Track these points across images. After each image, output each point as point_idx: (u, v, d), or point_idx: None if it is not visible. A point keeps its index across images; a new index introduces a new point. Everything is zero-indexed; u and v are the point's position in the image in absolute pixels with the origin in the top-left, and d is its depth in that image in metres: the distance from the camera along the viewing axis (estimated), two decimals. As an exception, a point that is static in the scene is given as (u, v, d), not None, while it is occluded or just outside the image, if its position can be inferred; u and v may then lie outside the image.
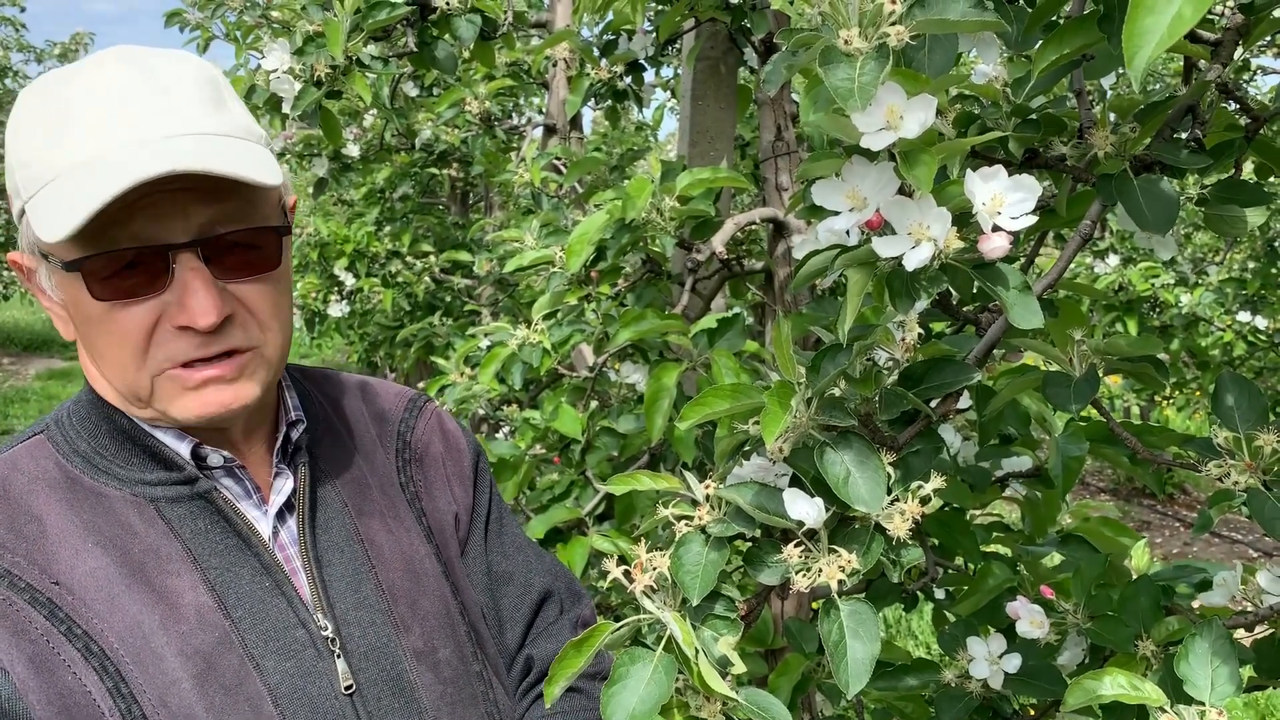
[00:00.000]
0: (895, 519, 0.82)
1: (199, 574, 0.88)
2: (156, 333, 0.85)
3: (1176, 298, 4.35)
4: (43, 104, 0.85)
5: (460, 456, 1.12)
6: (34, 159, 0.83)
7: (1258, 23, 0.85)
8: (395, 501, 1.03)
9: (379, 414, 1.09)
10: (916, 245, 0.73)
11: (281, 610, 0.90)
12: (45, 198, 0.82)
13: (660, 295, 2.02)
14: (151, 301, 0.84)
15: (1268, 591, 1.03)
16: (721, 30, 2.06)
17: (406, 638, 0.96)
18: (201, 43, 3.99)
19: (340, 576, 0.95)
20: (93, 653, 0.83)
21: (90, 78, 0.85)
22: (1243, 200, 0.94)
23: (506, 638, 1.09)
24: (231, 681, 0.86)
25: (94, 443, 0.91)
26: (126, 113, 0.83)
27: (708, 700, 0.84)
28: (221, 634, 0.87)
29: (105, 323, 0.84)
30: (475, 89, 3.18)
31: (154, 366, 0.86)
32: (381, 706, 0.92)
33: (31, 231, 0.84)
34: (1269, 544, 5.56)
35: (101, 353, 0.87)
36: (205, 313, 0.83)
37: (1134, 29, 0.61)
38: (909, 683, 1.23)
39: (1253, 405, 0.88)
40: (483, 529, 1.11)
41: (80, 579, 0.85)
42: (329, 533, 0.96)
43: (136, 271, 0.83)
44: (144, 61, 0.86)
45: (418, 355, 4.54)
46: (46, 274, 0.88)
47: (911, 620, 4.59)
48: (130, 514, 0.88)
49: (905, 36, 0.69)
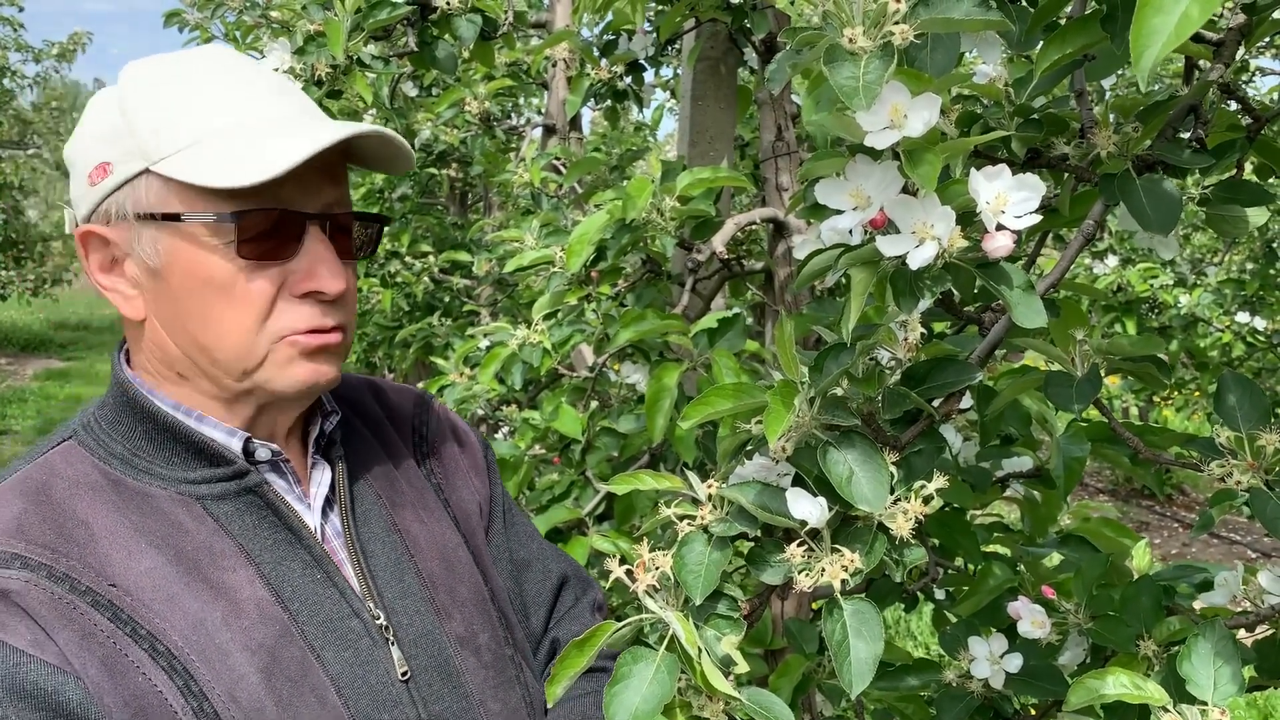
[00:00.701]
0: (898, 518, 0.82)
1: (253, 569, 0.88)
2: (279, 299, 0.88)
3: (1175, 298, 4.36)
4: (162, 78, 0.89)
5: (473, 450, 1.15)
6: (168, 123, 0.86)
7: (1259, 23, 0.85)
8: (423, 493, 1.06)
9: (392, 411, 1.12)
10: (920, 244, 0.73)
11: (335, 601, 0.91)
12: (205, 153, 0.84)
13: (660, 295, 2.02)
14: (280, 267, 0.88)
15: (1269, 592, 1.03)
16: (722, 30, 2.06)
17: (449, 624, 0.98)
18: (200, 43, 3.99)
19: (384, 566, 0.96)
20: (159, 652, 0.82)
21: (210, 60, 0.91)
22: (1244, 200, 0.94)
23: (532, 622, 1.12)
24: (296, 673, 0.86)
25: (129, 444, 0.90)
26: (265, 88, 0.90)
27: (710, 700, 0.84)
28: (282, 627, 0.87)
29: (230, 286, 0.87)
30: (475, 89, 3.18)
31: (270, 334, 0.88)
32: (434, 692, 0.93)
33: (147, 194, 0.86)
34: (1268, 545, 5.57)
35: (215, 319, 0.88)
36: (336, 280, 0.88)
37: (1141, 29, 0.61)
38: (910, 683, 1.23)
39: (1254, 405, 0.88)
40: (501, 518, 1.14)
41: (137, 579, 0.84)
42: (369, 524, 0.98)
43: (275, 236, 0.87)
44: (246, 57, 0.94)
45: (416, 356, 4.54)
46: (150, 239, 0.87)
47: (911, 621, 4.60)
48: (179, 512, 0.88)
49: (909, 35, 0.69)
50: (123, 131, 0.87)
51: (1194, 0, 0.55)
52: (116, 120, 0.88)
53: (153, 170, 0.85)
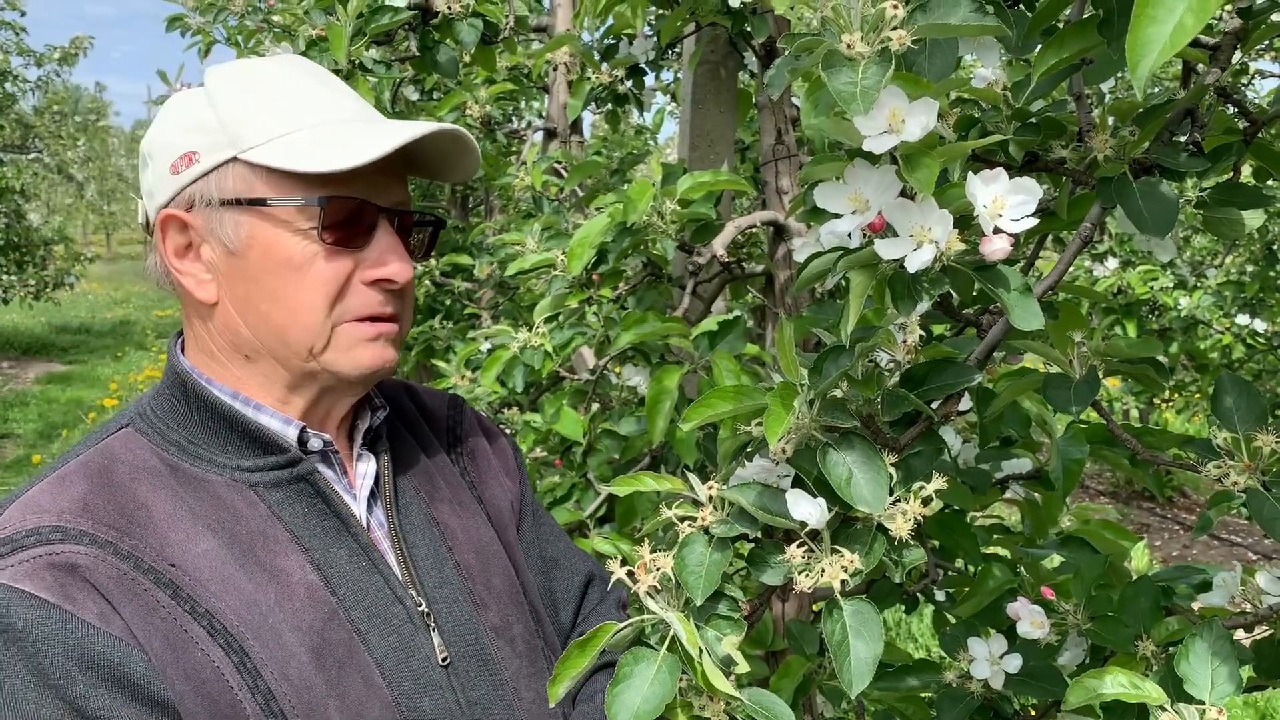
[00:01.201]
0: (897, 519, 0.83)
1: (303, 554, 0.92)
2: (349, 284, 0.93)
3: (1175, 300, 4.36)
4: (250, 77, 0.95)
5: (504, 451, 1.20)
6: (260, 114, 0.92)
7: (1255, 27, 0.86)
8: (458, 489, 1.10)
9: (427, 411, 1.16)
10: (918, 247, 0.74)
11: (379, 587, 0.94)
12: (297, 143, 0.90)
13: (661, 298, 2.03)
14: (353, 255, 0.93)
15: (1267, 592, 1.04)
16: (722, 34, 2.07)
17: (485, 614, 1.01)
18: (203, 47, 3.99)
19: (424, 556, 1.00)
20: (217, 630, 0.85)
21: (293, 65, 0.98)
22: (1241, 203, 0.95)
23: (561, 617, 1.16)
24: (343, 655, 0.90)
25: (185, 432, 0.94)
26: (344, 92, 0.97)
27: (711, 700, 0.85)
28: (330, 610, 0.91)
29: (308, 267, 0.91)
30: (476, 93, 3.19)
31: (338, 316, 0.93)
32: (471, 678, 0.97)
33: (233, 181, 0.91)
34: (1268, 547, 5.57)
35: (289, 297, 0.92)
36: (404, 269, 0.94)
37: (1137, 38, 0.62)
38: (910, 684, 1.24)
39: (1251, 406, 0.89)
40: (531, 517, 1.19)
41: (194, 560, 0.87)
42: (410, 516, 1.02)
43: (353, 224, 0.92)
44: (314, 63, 1.02)
45: (418, 359, 4.54)
46: (232, 223, 0.91)
47: (911, 623, 4.60)
48: (234, 498, 0.92)
49: (907, 41, 0.70)
50: (211, 124, 0.92)
51: (1189, 9, 0.56)
52: (204, 113, 0.93)
53: (240, 158, 0.91)
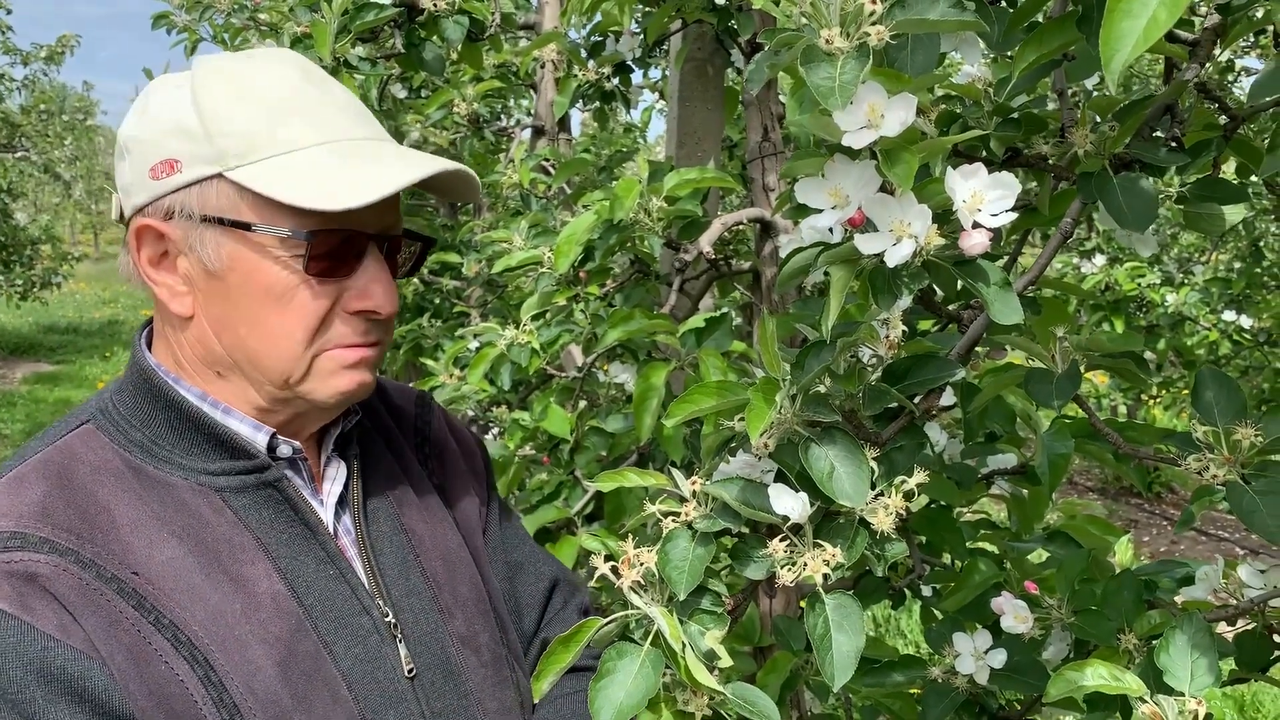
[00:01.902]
0: (879, 513, 0.83)
1: (270, 563, 0.90)
2: (332, 313, 0.90)
3: (1162, 297, 4.38)
4: (242, 81, 0.89)
5: (472, 453, 1.17)
6: (248, 130, 0.87)
7: (1234, 23, 0.86)
8: (425, 494, 1.07)
9: (395, 410, 1.13)
10: (898, 242, 0.74)
11: (346, 597, 0.92)
12: (287, 167, 0.86)
13: (648, 295, 2.03)
14: (339, 283, 0.90)
15: (1249, 585, 1.04)
16: (708, 32, 2.07)
17: (451, 623, 0.99)
18: (189, 45, 3.98)
19: (392, 565, 0.98)
20: (181, 642, 0.83)
21: (289, 66, 0.92)
22: (1221, 198, 0.95)
23: (525, 623, 1.14)
24: (310, 667, 0.88)
25: (148, 431, 0.91)
26: (343, 105, 0.92)
27: (695, 694, 0.85)
28: (297, 621, 0.89)
29: (290, 298, 0.88)
30: (464, 90, 3.18)
31: (319, 346, 0.90)
32: (437, 689, 0.95)
33: (217, 198, 0.86)
34: (1255, 542, 5.60)
35: (268, 326, 0.89)
36: (390, 301, 0.91)
37: (1110, 33, 0.62)
38: (896, 679, 1.24)
39: (1231, 400, 0.89)
40: (497, 522, 1.16)
41: (158, 569, 0.85)
42: (378, 523, 0.99)
43: (339, 255, 0.89)
44: (323, 73, 0.96)
45: (407, 357, 4.53)
46: (213, 242, 0.88)
47: (900, 619, 4.61)
48: (199, 503, 0.89)
49: (885, 36, 0.70)
50: (197, 133, 0.87)
51: (1162, 4, 0.56)
52: (189, 118, 0.87)
53: (226, 176, 0.86)
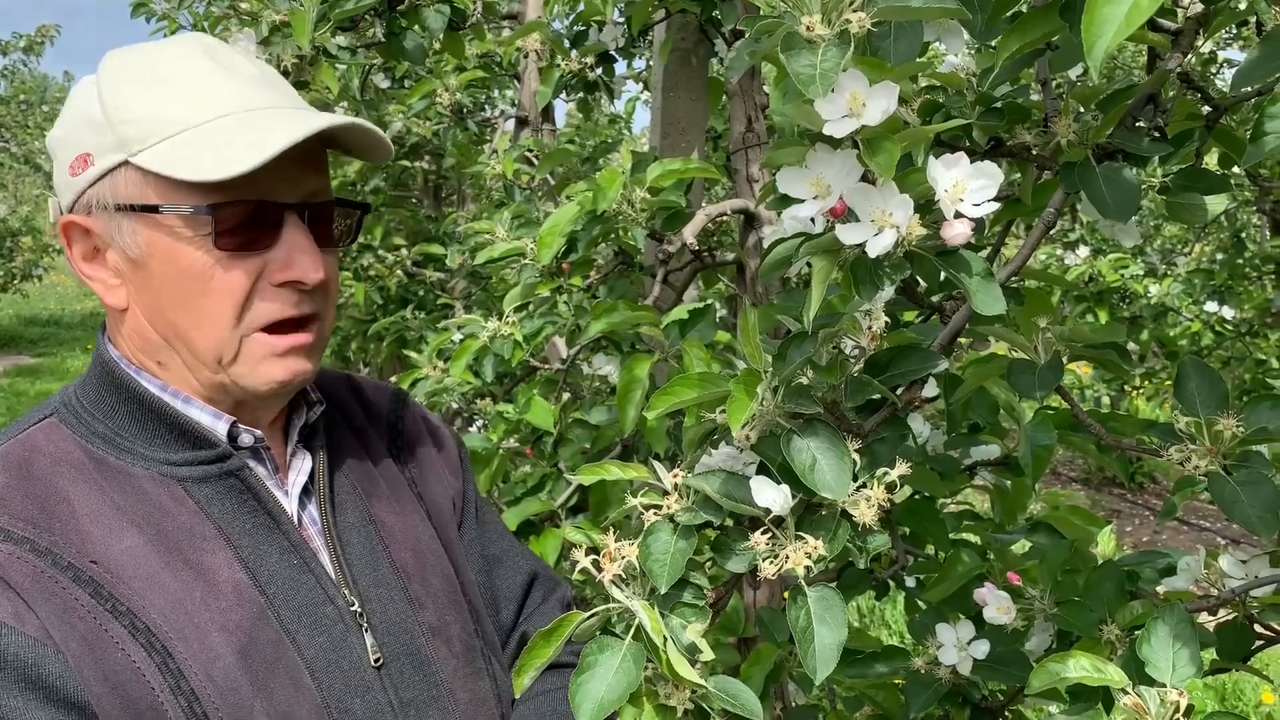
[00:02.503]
0: (861, 505, 0.83)
1: (231, 552, 0.90)
2: (257, 288, 0.89)
3: (1145, 288, 4.40)
4: (141, 67, 0.89)
5: (447, 447, 1.17)
6: (146, 114, 0.86)
7: (1217, 13, 0.86)
8: (396, 486, 1.07)
9: (368, 405, 1.13)
10: (879, 232, 0.74)
11: (310, 587, 0.92)
12: (183, 145, 0.85)
13: (632, 287, 2.02)
14: (259, 257, 0.88)
15: (1230, 575, 1.04)
16: (692, 21, 2.05)
17: (421, 613, 0.99)
18: (168, 34, 3.94)
19: (359, 555, 0.98)
20: (138, 629, 0.83)
21: (191, 47, 0.91)
22: (1203, 188, 0.95)
23: (502, 616, 1.14)
24: (271, 656, 0.87)
25: (111, 423, 0.91)
26: (247, 77, 0.90)
27: (677, 688, 0.85)
28: (258, 609, 0.88)
29: (208, 277, 0.87)
30: (447, 80, 3.16)
31: (247, 325, 0.89)
32: (405, 679, 0.95)
33: (126, 186, 0.86)
34: (1236, 532, 5.64)
35: (194, 308, 0.88)
36: (315, 268, 0.89)
37: (1093, 18, 0.62)
38: (879, 670, 1.24)
39: (1213, 390, 0.89)
40: (474, 514, 1.16)
41: (117, 557, 0.85)
42: (345, 514, 0.99)
43: (253, 227, 0.87)
44: (229, 46, 0.94)
45: (390, 349, 4.52)
46: (129, 230, 0.88)
47: (885, 609, 4.63)
48: (160, 493, 0.89)
49: (867, 23, 0.69)
50: (101, 123, 0.87)
51: (1144, -11, 0.55)
52: (95, 111, 0.88)
53: (131, 162, 0.86)
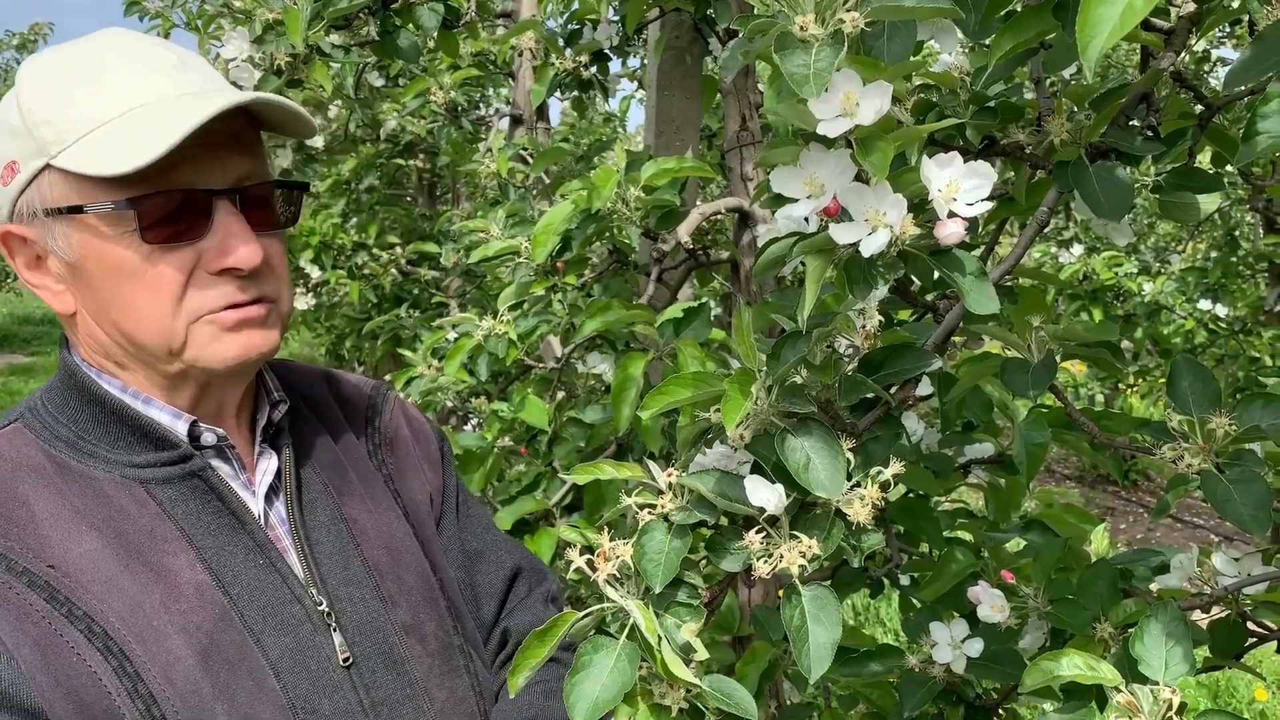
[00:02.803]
0: (855, 504, 0.83)
1: (194, 553, 0.89)
2: (194, 278, 0.88)
3: (1139, 286, 4.41)
4: (55, 69, 0.88)
5: (427, 441, 1.15)
6: (61, 115, 0.85)
7: (1210, 12, 0.86)
8: (371, 483, 1.06)
9: (345, 401, 1.12)
10: (873, 232, 0.74)
11: (276, 587, 0.92)
12: (96, 141, 0.84)
13: (627, 286, 2.02)
14: (192, 247, 0.87)
15: (1223, 573, 1.05)
16: (686, 20, 2.05)
17: (395, 612, 0.98)
18: (162, 32, 3.92)
19: (329, 554, 0.97)
20: (95, 634, 0.83)
21: (105, 43, 0.89)
22: (1196, 187, 0.95)
23: (483, 612, 1.13)
24: (234, 657, 0.87)
25: (75, 427, 0.91)
26: (161, 66, 0.88)
27: (672, 688, 0.85)
28: (221, 611, 0.88)
29: (141, 272, 0.86)
30: (440, 79, 3.16)
31: (190, 313, 0.88)
32: (376, 679, 0.94)
33: (51, 189, 0.86)
34: (1229, 530, 5.65)
35: (133, 305, 0.88)
36: (251, 254, 0.87)
37: (1087, 19, 0.62)
38: (874, 669, 1.24)
39: (1206, 389, 0.89)
40: (454, 509, 1.14)
41: (75, 561, 0.85)
42: (314, 512, 0.98)
43: (180, 217, 0.86)
44: (147, 36, 0.93)
45: (385, 348, 4.51)
46: (61, 234, 0.87)
47: (880, 608, 4.63)
48: (121, 496, 0.89)
49: (860, 23, 0.69)
50: (21, 130, 0.87)
51: (1137, -11, 0.55)
52: (15, 119, 0.87)
53: (52, 165, 0.85)
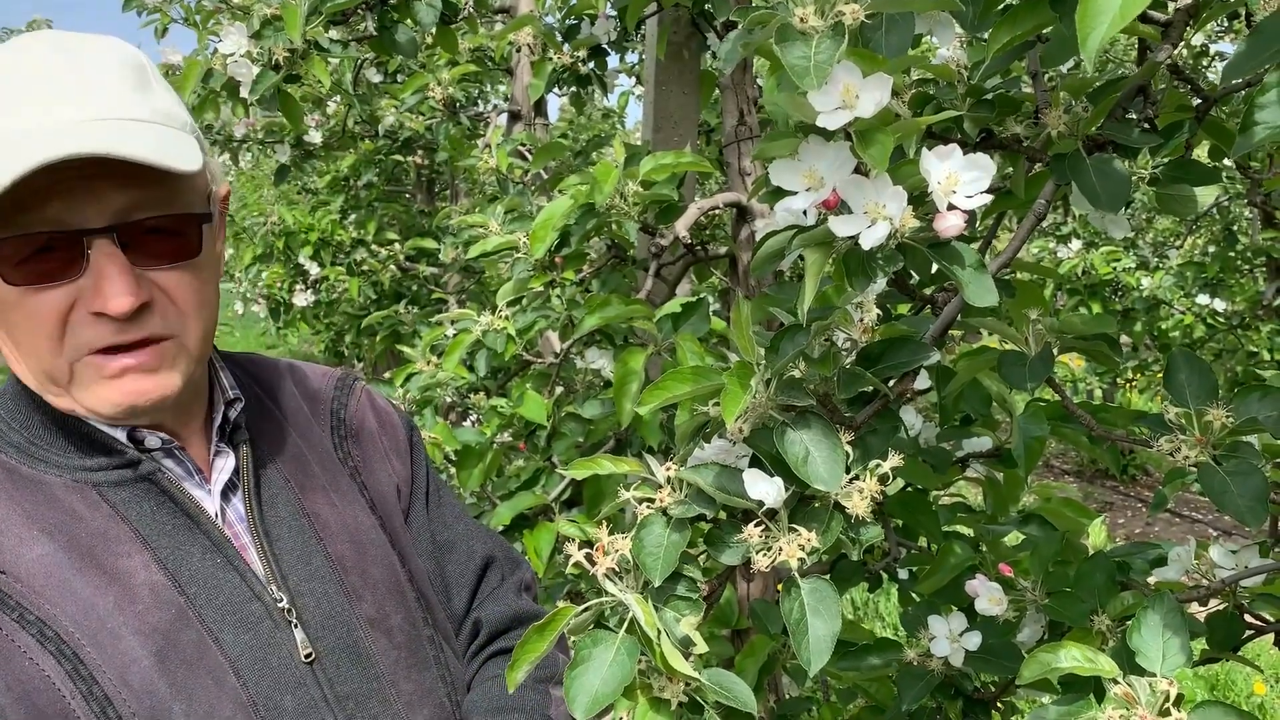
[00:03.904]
0: (854, 497, 0.83)
1: (149, 554, 0.88)
2: (72, 318, 0.84)
3: (1138, 281, 4.41)
4: None
5: (395, 431, 1.14)
6: None
7: (1206, 4, 0.86)
8: (336, 476, 1.05)
9: (310, 393, 1.11)
10: (873, 224, 0.74)
11: (235, 585, 0.91)
12: None
13: (625, 281, 2.02)
14: (66, 287, 0.83)
15: (1220, 566, 1.05)
16: (684, 15, 2.05)
17: (359, 606, 0.97)
18: (160, 27, 3.92)
19: (290, 550, 0.96)
20: (48, 638, 0.83)
21: (9, 59, 0.84)
22: (1193, 180, 0.95)
23: (454, 603, 1.12)
24: (192, 656, 0.87)
25: (27, 433, 0.90)
26: (42, 94, 0.82)
27: (671, 681, 0.85)
28: (178, 610, 0.87)
29: (19, 307, 0.83)
30: (439, 75, 3.15)
31: (71, 353, 0.85)
32: (341, 673, 0.94)
33: None
34: (1227, 524, 5.66)
35: (17, 338, 0.86)
36: (120, 298, 0.82)
37: (1087, 9, 0.62)
38: (872, 662, 1.24)
39: (1203, 381, 0.90)
40: (423, 500, 1.13)
41: (28, 566, 0.85)
42: (275, 508, 0.98)
43: (51, 256, 0.82)
44: (68, 45, 0.86)
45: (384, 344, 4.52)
46: None
47: (879, 602, 4.64)
48: (73, 499, 0.88)
49: (860, 15, 0.69)
50: None
51: (1136, -19, 0.56)
52: None
53: None
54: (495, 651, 1.10)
